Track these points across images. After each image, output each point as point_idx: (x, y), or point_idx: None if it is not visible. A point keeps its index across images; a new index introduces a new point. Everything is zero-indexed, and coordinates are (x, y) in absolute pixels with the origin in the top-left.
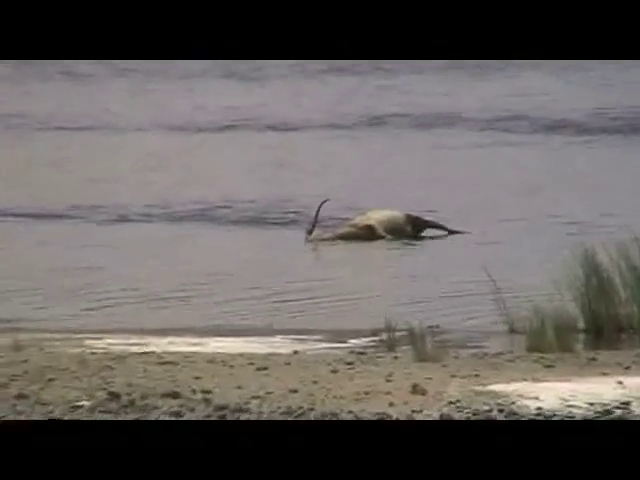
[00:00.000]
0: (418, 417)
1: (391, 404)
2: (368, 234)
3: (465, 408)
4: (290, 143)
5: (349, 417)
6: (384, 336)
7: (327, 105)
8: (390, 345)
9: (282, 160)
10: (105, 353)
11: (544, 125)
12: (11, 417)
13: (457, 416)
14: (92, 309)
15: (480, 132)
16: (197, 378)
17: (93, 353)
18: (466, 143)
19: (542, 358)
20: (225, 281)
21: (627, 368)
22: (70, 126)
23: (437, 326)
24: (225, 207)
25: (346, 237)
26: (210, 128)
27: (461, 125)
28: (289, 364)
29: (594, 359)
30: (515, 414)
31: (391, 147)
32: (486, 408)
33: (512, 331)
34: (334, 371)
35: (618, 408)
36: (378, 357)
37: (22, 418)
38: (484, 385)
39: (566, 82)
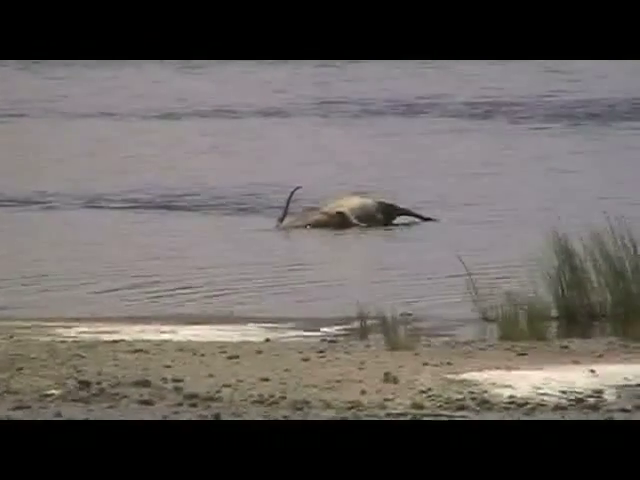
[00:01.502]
0: (390, 405)
1: (363, 392)
2: (340, 221)
3: (437, 397)
4: (249, 130)
5: (320, 405)
6: (356, 324)
7: (281, 91)
8: (362, 333)
9: (251, 148)
10: (75, 341)
11: (504, 111)
12: None
13: (429, 405)
14: (62, 296)
15: (438, 118)
16: (168, 367)
17: (63, 341)
18: (425, 129)
19: (515, 346)
20: (195, 269)
21: (600, 356)
22: (15, 113)
23: (409, 314)
24: (192, 194)
25: (317, 224)
26: (157, 115)
27: (418, 111)
28: (261, 352)
29: (567, 347)
30: (487, 402)
31: (349, 134)
32: (458, 397)
33: (485, 319)
34: (306, 359)
35: (591, 396)
36: (350, 345)
37: None
38: (457, 373)
39: (519, 68)
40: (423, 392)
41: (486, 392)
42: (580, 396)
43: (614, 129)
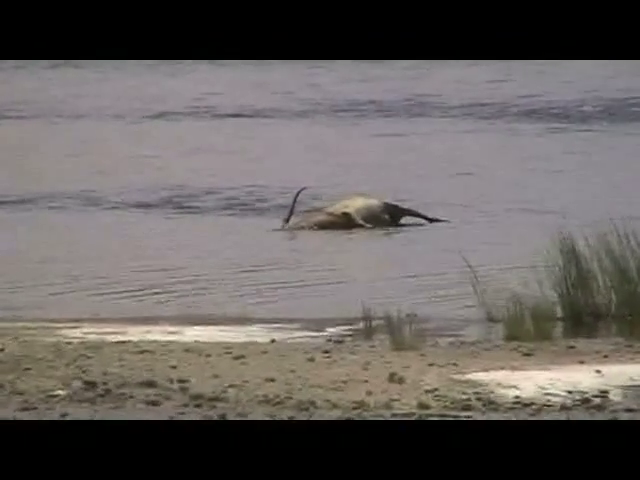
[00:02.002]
0: (396, 405)
1: (369, 393)
2: (345, 222)
3: (443, 397)
4: (247, 129)
5: (326, 405)
6: (362, 325)
7: (276, 92)
8: (368, 334)
9: (253, 149)
10: (81, 342)
11: (501, 111)
12: None
13: (435, 405)
14: (64, 296)
15: (436, 119)
16: (174, 367)
17: (69, 342)
18: (422, 130)
19: (520, 346)
20: (201, 270)
21: (605, 356)
22: (12, 114)
23: (415, 314)
24: (195, 194)
25: (323, 225)
26: (153, 116)
27: (415, 112)
28: (266, 353)
29: (572, 347)
30: (493, 403)
31: (346, 134)
32: (464, 397)
33: (490, 319)
34: (311, 360)
35: (596, 397)
36: (356, 346)
37: None
38: (462, 374)
39: (517, 67)
40: (429, 392)
41: (492, 392)
42: (586, 396)
43: (610, 128)
